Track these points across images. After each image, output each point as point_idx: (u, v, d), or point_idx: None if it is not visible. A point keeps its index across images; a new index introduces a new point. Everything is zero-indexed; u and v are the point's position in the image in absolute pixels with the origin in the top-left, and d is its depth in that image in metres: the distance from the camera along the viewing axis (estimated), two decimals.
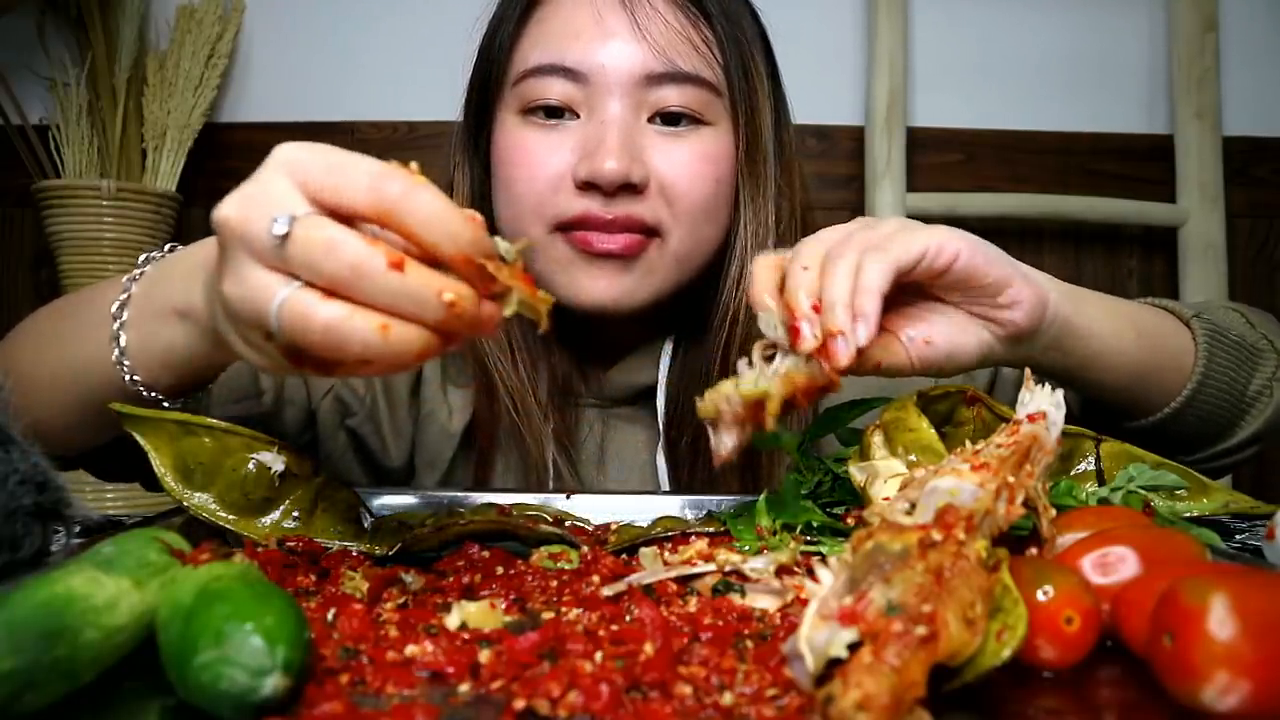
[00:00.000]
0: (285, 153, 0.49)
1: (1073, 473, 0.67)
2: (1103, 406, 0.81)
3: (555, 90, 0.86)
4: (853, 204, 1.72)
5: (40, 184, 1.61)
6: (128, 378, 0.64)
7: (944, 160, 1.74)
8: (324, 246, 0.45)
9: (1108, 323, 0.73)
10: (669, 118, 0.86)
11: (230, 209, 0.49)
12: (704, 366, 0.90)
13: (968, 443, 0.53)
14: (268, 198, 0.48)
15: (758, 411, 0.54)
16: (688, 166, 0.86)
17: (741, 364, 0.57)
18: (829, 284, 0.57)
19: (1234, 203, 1.70)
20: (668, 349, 0.94)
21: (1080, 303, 0.71)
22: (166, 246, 0.69)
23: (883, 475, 0.56)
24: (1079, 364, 0.73)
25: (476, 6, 0.94)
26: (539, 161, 0.86)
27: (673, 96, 0.86)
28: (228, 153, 1.76)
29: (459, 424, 0.92)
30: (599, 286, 0.85)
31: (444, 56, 0.98)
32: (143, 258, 0.68)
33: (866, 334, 0.55)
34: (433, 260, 0.46)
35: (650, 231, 0.85)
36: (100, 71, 1.65)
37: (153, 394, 0.65)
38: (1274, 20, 1.79)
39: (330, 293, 0.45)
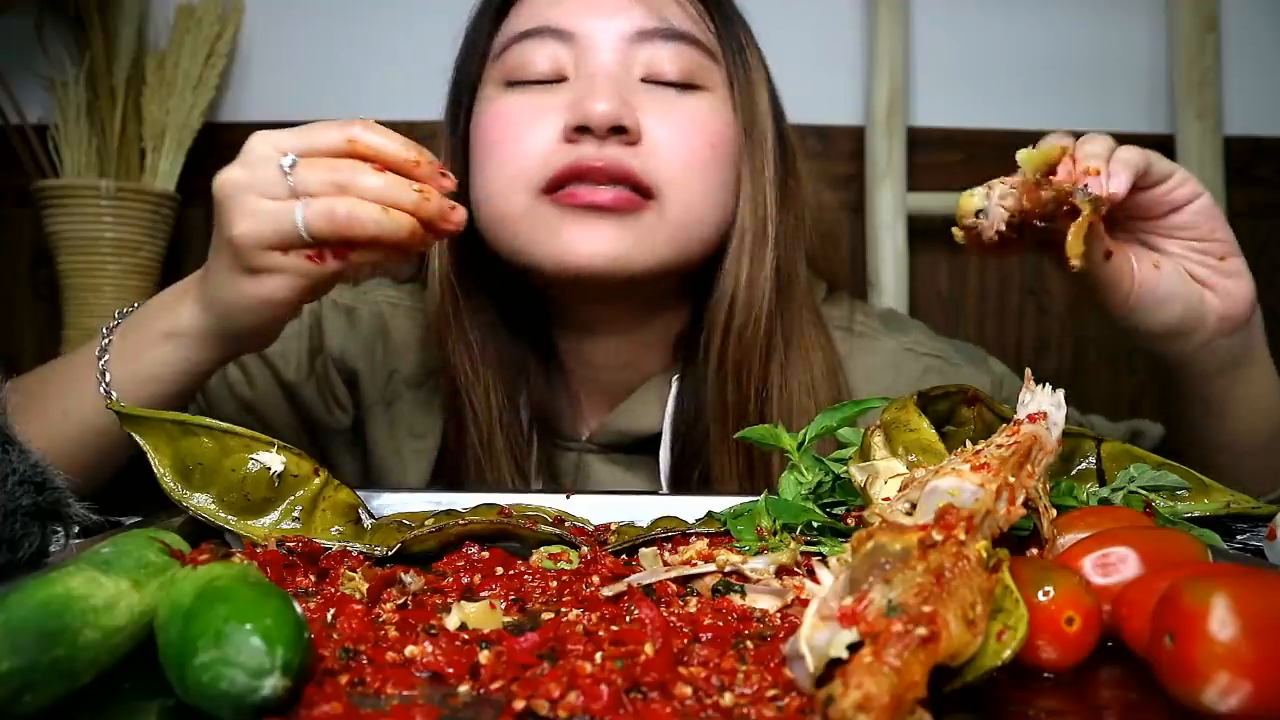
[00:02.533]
0: (256, 136, 0.65)
1: (1073, 472, 0.67)
2: (1227, 466, 0.76)
3: (541, 55, 0.82)
4: (853, 204, 1.72)
5: (39, 183, 1.61)
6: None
7: (944, 160, 1.74)
8: (327, 165, 0.62)
9: (1270, 367, 0.74)
10: (662, 81, 0.83)
11: (232, 170, 0.65)
12: (700, 391, 0.85)
13: (968, 443, 0.53)
14: (261, 155, 0.64)
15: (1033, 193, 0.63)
16: (681, 125, 0.82)
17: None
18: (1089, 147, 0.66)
19: (1235, 203, 1.69)
20: (674, 389, 0.88)
21: (1259, 328, 0.73)
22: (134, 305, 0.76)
23: (883, 475, 0.56)
24: (1238, 398, 0.72)
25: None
26: (526, 124, 0.81)
27: (665, 56, 0.82)
28: (227, 153, 1.73)
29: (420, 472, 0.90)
30: (593, 242, 0.79)
31: (444, 56, 0.98)
32: (115, 312, 0.75)
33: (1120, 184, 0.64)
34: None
35: (644, 193, 0.80)
36: (99, 71, 1.65)
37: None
38: (1275, 20, 1.79)
39: None
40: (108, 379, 0.69)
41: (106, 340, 0.71)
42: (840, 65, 1.75)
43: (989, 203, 0.64)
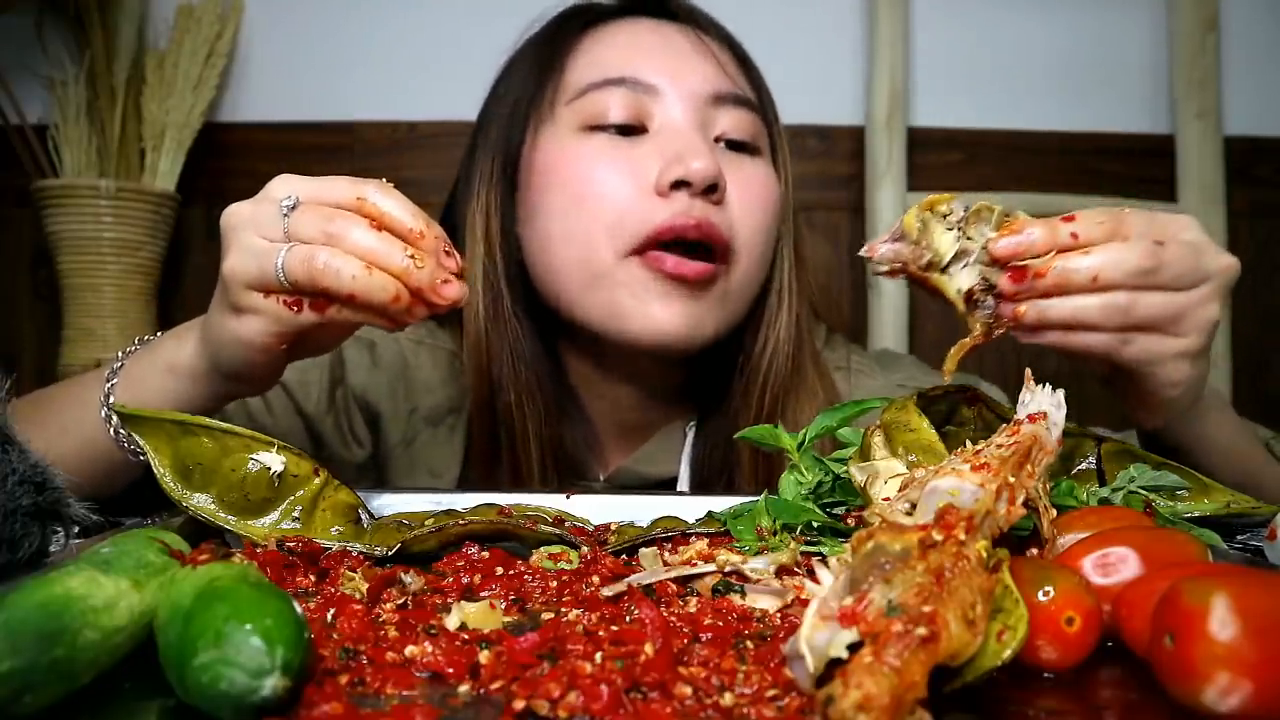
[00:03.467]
0: (278, 179, 0.64)
1: (1073, 472, 0.66)
2: None
3: (623, 102, 0.83)
4: (853, 204, 1.72)
5: (39, 183, 1.61)
6: (113, 433, 0.68)
7: (945, 160, 1.74)
8: (323, 213, 0.60)
9: (1220, 459, 0.73)
10: (730, 144, 0.86)
11: (240, 205, 0.63)
12: (727, 435, 0.86)
13: (968, 442, 0.53)
14: (270, 195, 0.63)
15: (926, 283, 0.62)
16: (751, 189, 0.85)
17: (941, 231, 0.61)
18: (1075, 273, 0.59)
19: (1235, 203, 1.69)
20: (691, 433, 0.90)
21: (1210, 426, 0.72)
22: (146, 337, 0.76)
23: (883, 475, 0.56)
24: (1197, 447, 0.73)
25: (477, 6, 0.93)
26: (617, 172, 0.82)
27: (734, 121, 0.85)
28: (227, 152, 1.76)
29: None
30: (672, 314, 0.81)
31: (444, 56, 0.98)
32: (135, 339, 0.75)
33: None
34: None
35: (720, 256, 0.83)
36: (99, 71, 1.65)
37: (132, 451, 0.68)
38: (1274, 20, 1.79)
39: None
40: (110, 401, 0.69)
41: (119, 364, 0.71)
42: (840, 65, 1.75)
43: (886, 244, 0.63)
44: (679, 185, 0.80)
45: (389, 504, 0.71)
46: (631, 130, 0.84)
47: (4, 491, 0.52)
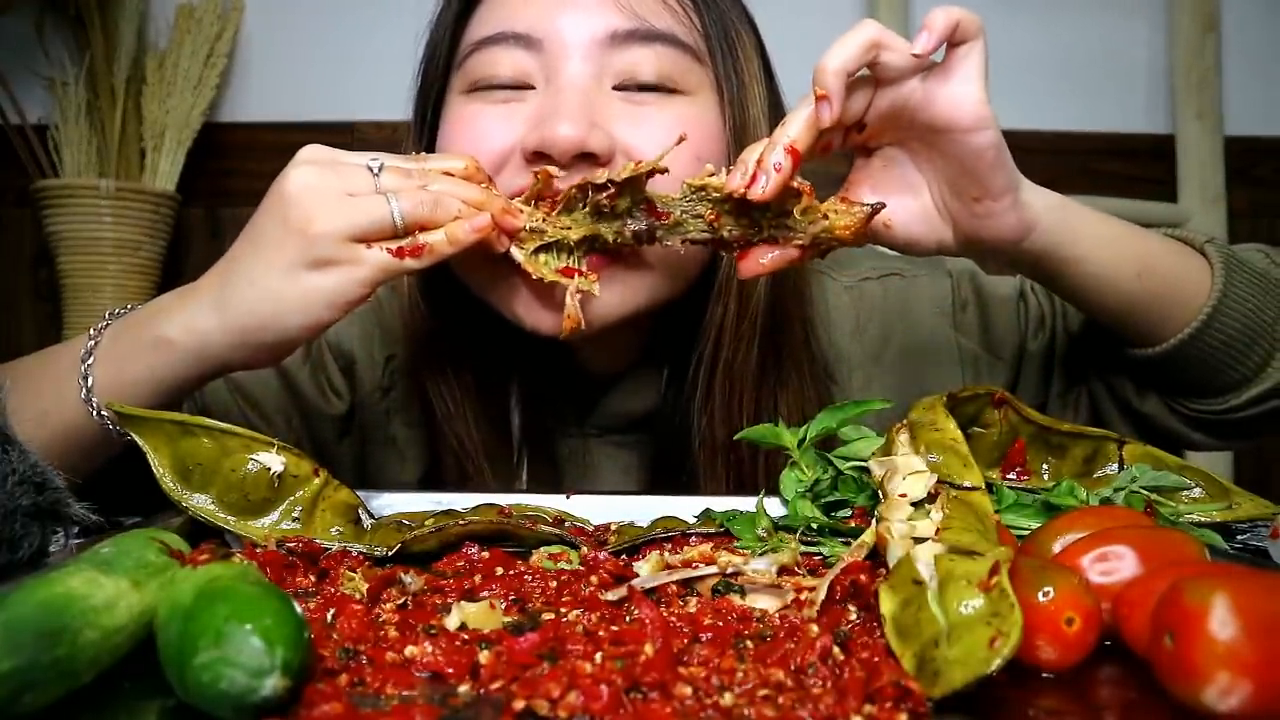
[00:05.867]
0: (310, 147, 0.68)
1: (1096, 475, 0.66)
2: (1105, 330, 0.78)
3: (506, 62, 0.75)
4: None
5: (39, 184, 1.61)
6: (94, 413, 0.67)
7: None
8: (404, 170, 0.68)
9: (1106, 253, 0.71)
10: (640, 85, 0.75)
11: (305, 172, 0.66)
12: (706, 380, 0.81)
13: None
14: (340, 160, 0.68)
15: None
16: (660, 137, 0.71)
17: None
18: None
19: (1235, 203, 1.70)
20: (665, 374, 0.85)
21: (1076, 231, 0.70)
22: (128, 305, 0.74)
23: (901, 471, 0.56)
24: (1064, 289, 0.73)
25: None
26: (482, 136, 0.74)
27: (642, 60, 0.74)
28: (227, 152, 1.76)
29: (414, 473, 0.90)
30: (553, 312, 0.72)
31: None
32: (106, 313, 0.73)
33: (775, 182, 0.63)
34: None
35: None
36: (99, 71, 1.65)
37: (117, 430, 0.67)
38: (1274, 20, 1.79)
39: None
40: (89, 382, 0.67)
41: (93, 343, 0.69)
42: None
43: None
44: (542, 156, 0.71)
45: (389, 504, 0.71)
46: (518, 89, 0.76)
47: (4, 491, 0.52)
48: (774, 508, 0.66)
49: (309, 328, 0.66)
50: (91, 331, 0.70)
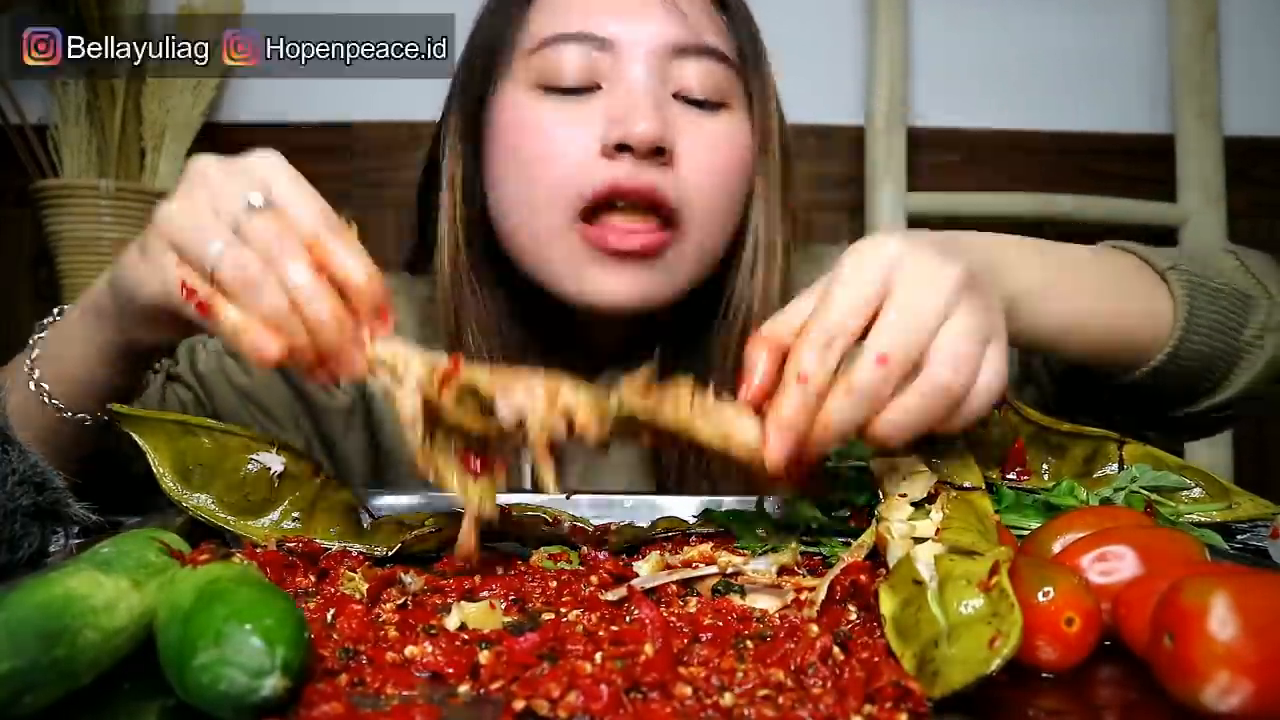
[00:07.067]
0: (261, 156, 0.63)
1: (1095, 475, 0.66)
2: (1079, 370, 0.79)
3: (576, 60, 0.81)
4: (852, 204, 1.72)
5: (39, 184, 1.61)
6: (48, 400, 0.69)
7: (944, 160, 1.74)
8: (279, 231, 0.57)
9: (1069, 317, 0.69)
10: (691, 99, 0.82)
11: (210, 162, 0.64)
12: (701, 369, 0.85)
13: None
14: (246, 171, 0.62)
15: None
16: (715, 146, 0.82)
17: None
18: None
19: (1235, 203, 1.69)
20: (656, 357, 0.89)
21: (1035, 313, 0.66)
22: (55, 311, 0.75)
23: (902, 471, 0.56)
24: (1038, 351, 0.74)
25: (477, 7, 0.93)
26: (563, 136, 0.81)
27: (697, 73, 0.82)
28: (227, 152, 1.74)
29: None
30: (617, 286, 0.80)
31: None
32: (37, 324, 0.75)
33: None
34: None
35: (668, 220, 0.80)
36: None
37: (77, 416, 0.69)
38: (1274, 20, 1.79)
39: None
40: (37, 375, 0.70)
41: (35, 352, 0.72)
42: (840, 65, 1.75)
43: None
44: (623, 148, 0.79)
45: (389, 504, 0.71)
46: (585, 90, 0.82)
47: (4, 491, 0.52)
48: (774, 508, 0.66)
49: (144, 301, 0.62)
50: (30, 342, 0.73)
